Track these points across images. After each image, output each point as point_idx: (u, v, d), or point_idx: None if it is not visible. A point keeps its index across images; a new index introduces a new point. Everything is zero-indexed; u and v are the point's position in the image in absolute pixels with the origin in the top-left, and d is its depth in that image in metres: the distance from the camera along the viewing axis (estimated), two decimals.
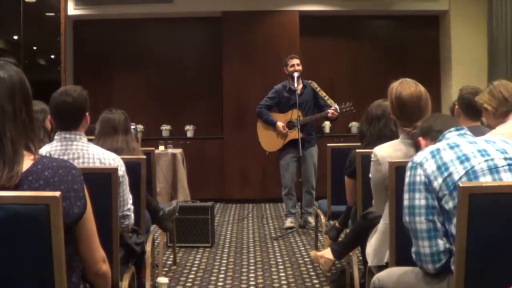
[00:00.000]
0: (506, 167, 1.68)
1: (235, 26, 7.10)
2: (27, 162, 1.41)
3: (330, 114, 5.12)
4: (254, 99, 5.83)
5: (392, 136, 2.61)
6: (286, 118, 5.30)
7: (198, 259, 4.32)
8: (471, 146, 1.75)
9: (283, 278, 3.81)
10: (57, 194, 1.33)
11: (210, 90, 7.43)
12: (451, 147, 1.77)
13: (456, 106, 3.37)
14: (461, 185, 1.54)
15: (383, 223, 2.37)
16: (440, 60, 7.49)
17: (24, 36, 7.63)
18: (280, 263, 4.18)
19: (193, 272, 3.98)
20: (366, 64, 7.43)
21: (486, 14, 6.81)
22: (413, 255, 1.81)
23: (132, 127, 4.81)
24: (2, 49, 8.21)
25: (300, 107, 5.16)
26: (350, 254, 3.16)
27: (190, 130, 7.29)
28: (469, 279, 1.56)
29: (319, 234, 4.22)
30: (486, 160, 1.70)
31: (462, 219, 1.53)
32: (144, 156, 3.13)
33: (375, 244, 2.39)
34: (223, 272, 3.98)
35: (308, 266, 4.07)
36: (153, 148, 3.86)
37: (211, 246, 4.65)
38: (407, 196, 1.79)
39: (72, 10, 7.14)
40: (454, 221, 1.64)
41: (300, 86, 5.32)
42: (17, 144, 1.39)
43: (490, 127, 2.81)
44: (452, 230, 1.67)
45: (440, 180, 1.70)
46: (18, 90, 1.42)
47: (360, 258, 3.40)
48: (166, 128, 7.31)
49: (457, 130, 1.91)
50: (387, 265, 2.27)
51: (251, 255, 4.45)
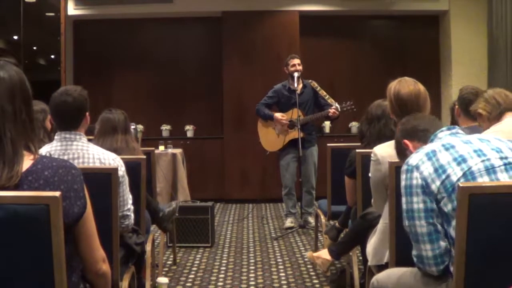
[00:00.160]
0: (503, 167, 1.68)
1: (235, 26, 7.10)
2: (27, 162, 1.41)
3: (331, 113, 5.11)
4: (254, 99, 5.83)
5: (392, 136, 2.59)
6: (286, 118, 5.30)
7: (198, 259, 4.32)
8: (467, 146, 1.74)
9: (283, 278, 3.81)
10: (57, 194, 1.33)
11: (210, 90, 7.43)
12: (447, 148, 1.75)
13: (456, 106, 3.37)
14: (460, 185, 1.54)
15: (382, 223, 2.38)
16: (440, 60, 7.49)
17: (24, 36, 7.62)
18: (280, 263, 4.18)
19: (193, 272, 3.98)
20: (366, 64, 7.43)
21: (486, 14, 6.81)
22: (414, 258, 1.80)
23: (132, 127, 4.81)
24: (2, 49, 8.20)
25: (300, 107, 5.15)
26: (350, 254, 3.16)
27: (190, 130, 7.29)
28: (469, 279, 1.56)
29: (319, 234, 4.22)
30: (483, 161, 1.69)
31: (462, 219, 1.53)
32: (144, 156, 3.13)
33: (375, 243, 2.39)
34: (223, 272, 3.98)
35: (308, 266, 4.07)
36: (153, 148, 3.86)
37: (211, 246, 4.65)
38: (404, 200, 1.77)
39: (72, 10, 7.14)
40: (453, 223, 1.63)
41: (300, 86, 5.31)
42: (17, 144, 1.39)
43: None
44: (451, 232, 1.66)
45: (438, 182, 1.69)
46: (18, 90, 1.42)
47: (360, 258, 3.40)
48: (166, 128, 7.31)
49: (448, 129, 1.90)
50: (387, 264, 2.27)
51: (251, 255, 4.45)
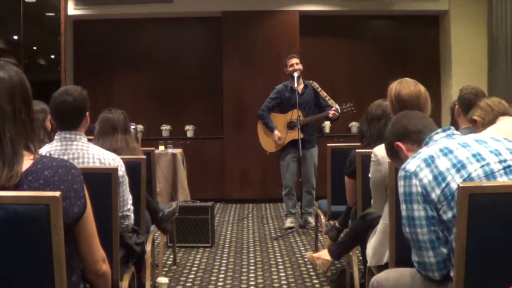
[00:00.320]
0: (502, 171, 1.67)
1: (235, 26, 7.10)
2: (27, 162, 1.41)
3: (331, 115, 5.11)
4: (254, 99, 5.83)
5: None
6: (286, 118, 5.29)
7: (198, 259, 4.32)
8: (465, 151, 1.71)
9: (283, 278, 3.81)
10: (57, 194, 1.33)
11: (210, 90, 7.43)
12: (445, 154, 1.72)
13: (456, 106, 3.37)
14: (460, 185, 1.54)
15: (382, 223, 2.38)
16: (440, 60, 7.49)
17: (24, 36, 7.62)
18: (280, 263, 4.18)
19: (193, 272, 3.98)
20: (366, 64, 7.43)
21: (486, 14, 6.81)
22: (415, 264, 1.78)
23: (132, 127, 4.81)
24: (2, 49, 8.20)
25: (300, 107, 5.15)
26: (350, 254, 3.16)
27: (190, 130, 7.29)
28: (469, 279, 1.55)
29: (319, 234, 4.22)
30: (482, 166, 1.67)
31: (462, 219, 1.53)
32: (144, 156, 3.13)
33: (375, 244, 2.39)
34: (223, 272, 3.98)
35: (308, 266, 4.07)
36: (153, 148, 3.86)
37: (211, 246, 4.65)
38: (404, 207, 1.74)
39: (72, 10, 7.14)
40: (454, 231, 1.61)
41: (301, 86, 5.31)
42: (16, 144, 1.39)
43: None
44: (452, 240, 1.63)
45: (438, 191, 1.66)
46: (18, 90, 1.42)
47: (360, 258, 3.41)
48: (166, 128, 7.31)
49: (444, 131, 1.86)
50: (386, 265, 2.27)
51: (251, 255, 4.45)
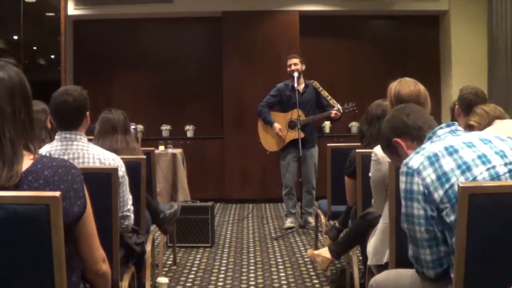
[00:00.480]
0: (507, 175, 1.64)
1: (235, 26, 7.10)
2: (27, 161, 1.41)
3: (333, 115, 5.11)
4: (254, 99, 5.83)
5: None
6: (286, 117, 5.29)
7: (198, 259, 4.32)
8: (470, 152, 1.68)
9: (283, 278, 3.81)
10: (57, 194, 1.33)
11: (210, 90, 7.43)
12: (450, 153, 1.68)
13: (456, 106, 3.37)
14: (460, 185, 1.53)
15: (382, 222, 2.38)
16: (440, 60, 7.49)
17: (24, 36, 7.62)
18: (280, 263, 4.18)
19: (193, 272, 3.98)
20: (366, 64, 7.43)
21: (486, 14, 6.81)
22: (411, 259, 1.77)
23: (132, 127, 4.80)
24: (2, 49, 8.20)
25: (301, 107, 5.15)
26: (350, 254, 3.16)
27: (190, 130, 7.28)
28: (469, 279, 1.55)
29: (319, 234, 4.22)
30: (488, 169, 1.64)
31: (462, 219, 1.53)
32: (144, 156, 3.13)
33: (375, 243, 2.39)
34: (223, 272, 3.98)
35: (308, 266, 4.07)
36: (153, 148, 3.86)
37: (211, 246, 4.65)
38: (404, 203, 1.72)
39: (72, 10, 7.14)
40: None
41: (302, 86, 5.31)
42: (16, 144, 1.39)
43: None
44: (454, 244, 1.61)
45: (441, 192, 1.63)
46: (17, 90, 1.42)
47: (360, 258, 3.40)
48: (166, 128, 7.30)
49: (448, 126, 1.81)
50: (386, 265, 2.27)
51: (251, 255, 4.45)
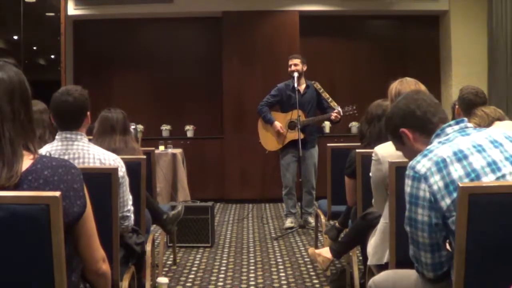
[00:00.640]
0: None
1: (235, 26, 7.10)
2: (27, 161, 1.41)
3: (333, 117, 5.10)
4: (254, 99, 5.83)
5: None
6: (287, 118, 5.29)
7: (198, 259, 4.32)
8: (480, 158, 1.62)
9: (283, 278, 3.81)
10: (57, 194, 1.33)
11: (210, 90, 7.43)
12: (459, 159, 1.62)
13: (457, 106, 3.37)
14: (460, 185, 1.53)
15: (383, 222, 2.38)
16: (440, 60, 7.48)
17: (24, 36, 7.63)
18: (280, 263, 4.18)
19: (193, 272, 3.98)
20: (366, 64, 7.43)
21: (486, 14, 6.81)
22: (412, 258, 1.76)
23: (132, 127, 4.80)
24: (2, 49, 8.21)
25: (301, 107, 5.15)
26: (350, 254, 3.16)
27: (190, 130, 7.28)
28: (469, 280, 1.55)
29: (319, 234, 4.22)
30: (497, 178, 1.60)
31: (462, 219, 1.53)
32: (144, 156, 3.13)
33: (375, 243, 2.39)
34: (223, 272, 3.98)
35: (308, 266, 4.07)
36: (153, 148, 3.86)
37: (211, 246, 4.65)
38: (408, 207, 1.68)
39: (72, 10, 7.14)
40: None
41: (303, 86, 5.31)
42: (15, 144, 1.39)
43: None
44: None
45: (448, 200, 1.58)
46: (17, 91, 1.42)
47: (360, 258, 3.41)
48: (166, 128, 7.30)
49: (457, 123, 1.74)
50: (387, 264, 2.27)
51: (251, 255, 4.45)
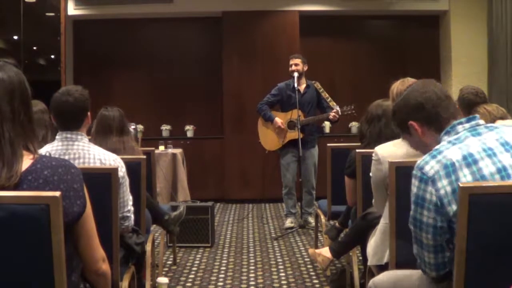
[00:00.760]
0: None
1: (235, 26, 7.10)
2: (27, 161, 1.41)
3: (331, 117, 5.12)
4: (254, 99, 5.83)
5: (393, 136, 2.61)
6: (286, 117, 5.30)
7: (198, 259, 4.32)
8: (490, 163, 1.58)
9: (283, 278, 3.81)
10: (57, 194, 1.33)
11: (210, 90, 7.43)
12: (468, 164, 1.58)
13: (457, 106, 3.37)
14: (461, 185, 1.53)
15: (383, 223, 2.38)
16: (440, 60, 7.48)
17: (24, 36, 7.62)
18: (280, 263, 4.18)
19: (193, 272, 3.98)
20: (366, 64, 7.43)
21: (486, 14, 6.81)
22: (416, 256, 1.75)
23: (132, 127, 4.80)
24: (2, 49, 8.20)
25: (301, 107, 5.16)
26: (350, 254, 3.16)
27: (190, 130, 7.28)
28: (469, 280, 1.55)
29: (319, 234, 4.22)
30: None
31: (462, 219, 1.53)
32: (144, 156, 3.13)
33: (375, 243, 2.39)
34: (223, 272, 3.98)
35: (308, 266, 4.07)
36: (153, 148, 3.86)
37: (211, 246, 4.65)
38: (414, 207, 1.66)
39: (72, 10, 7.14)
40: None
41: (303, 86, 5.33)
42: (15, 144, 1.39)
43: None
44: None
45: (455, 206, 1.56)
46: (17, 91, 1.42)
47: (360, 258, 3.40)
48: (166, 128, 7.30)
49: (468, 121, 1.69)
50: (387, 265, 2.27)
51: (251, 255, 4.45)
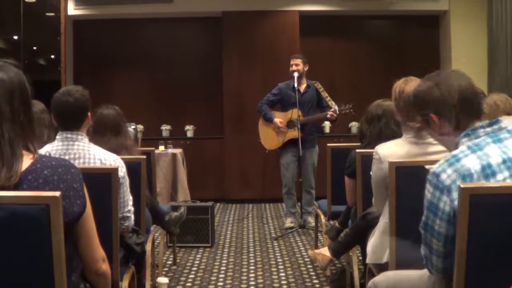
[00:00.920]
0: None
1: (235, 26, 7.10)
2: (27, 161, 1.41)
3: (329, 116, 5.14)
4: (254, 99, 5.83)
5: (393, 136, 2.61)
6: (286, 117, 5.31)
7: (198, 259, 4.32)
8: (508, 176, 1.53)
9: (283, 278, 3.81)
10: (57, 194, 1.33)
11: (210, 90, 7.43)
12: (486, 176, 1.54)
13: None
14: (461, 185, 1.53)
15: (383, 221, 2.38)
16: (440, 60, 7.48)
17: (24, 36, 7.62)
18: (280, 263, 4.18)
19: (193, 272, 3.98)
20: (366, 64, 7.43)
21: (486, 14, 6.81)
22: (423, 257, 1.72)
23: (132, 127, 4.79)
24: (2, 49, 8.20)
25: (301, 107, 5.17)
26: (350, 254, 3.16)
27: (190, 130, 7.28)
28: (469, 280, 1.55)
29: (319, 234, 4.22)
30: None
31: (463, 219, 1.53)
32: (144, 156, 3.12)
33: (375, 241, 2.39)
34: (223, 272, 3.98)
35: (308, 266, 4.07)
36: (153, 148, 3.86)
37: (211, 246, 4.65)
38: (426, 213, 1.63)
39: (72, 10, 7.14)
40: None
41: (304, 86, 5.34)
42: (15, 144, 1.39)
43: None
44: None
45: None
46: (17, 91, 1.42)
47: (360, 258, 3.40)
48: (166, 128, 7.30)
49: (490, 125, 1.61)
50: (386, 264, 2.27)
51: (251, 255, 4.45)
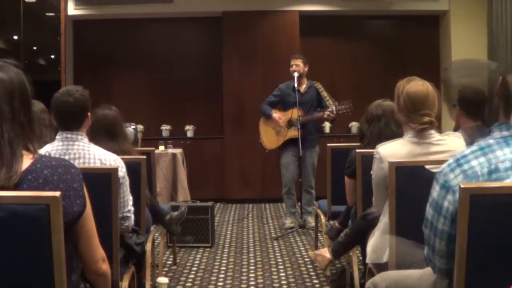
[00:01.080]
0: None
1: (235, 26, 7.10)
2: (26, 161, 1.41)
3: (325, 115, 5.16)
4: (254, 99, 5.84)
5: (393, 136, 2.61)
6: (286, 117, 5.32)
7: (198, 259, 4.32)
8: None
9: (283, 278, 3.81)
10: (57, 194, 1.32)
11: (210, 90, 7.43)
12: (492, 180, 1.52)
13: (457, 106, 3.37)
14: (461, 186, 1.53)
15: (383, 221, 2.38)
16: (440, 60, 7.48)
17: (24, 36, 7.62)
18: (280, 263, 4.18)
19: (193, 272, 3.98)
20: (366, 64, 7.43)
21: (486, 14, 6.81)
22: (426, 258, 1.70)
23: (132, 127, 4.79)
24: (2, 49, 8.20)
25: (301, 107, 5.17)
26: (350, 254, 3.16)
27: (190, 130, 7.28)
28: (469, 280, 1.55)
29: (319, 234, 4.22)
30: None
31: (463, 219, 1.52)
32: (144, 156, 3.12)
33: (375, 241, 2.39)
34: (223, 272, 3.98)
35: (308, 266, 4.07)
36: (153, 148, 3.86)
37: (211, 246, 4.65)
38: (430, 211, 1.62)
39: (72, 10, 7.14)
40: None
41: (304, 86, 5.36)
42: (15, 145, 1.39)
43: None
44: None
45: None
46: (17, 91, 1.42)
47: (360, 258, 3.41)
48: (166, 128, 7.30)
49: (508, 128, 1.53)
50: (386, 264, 2.27)
51: (251, 255, 4.45)
